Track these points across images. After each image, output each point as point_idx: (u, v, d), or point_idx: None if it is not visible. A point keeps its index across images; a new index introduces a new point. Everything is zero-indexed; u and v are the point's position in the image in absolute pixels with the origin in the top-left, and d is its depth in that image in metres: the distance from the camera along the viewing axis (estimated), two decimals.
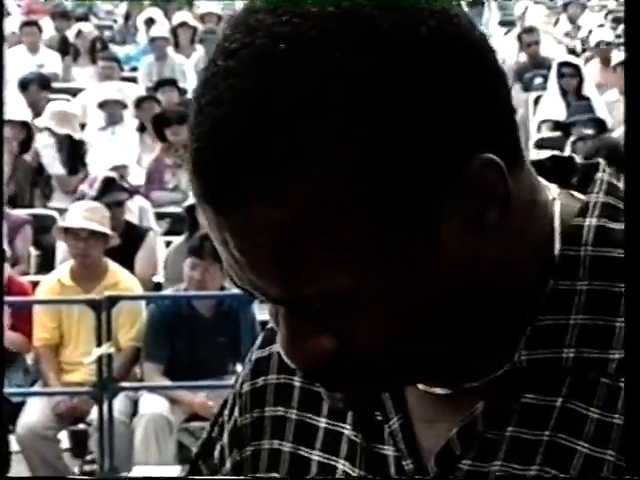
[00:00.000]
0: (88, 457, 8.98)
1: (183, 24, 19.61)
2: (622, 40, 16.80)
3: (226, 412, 1.71)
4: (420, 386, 1.49)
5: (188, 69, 18.36)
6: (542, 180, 1.46)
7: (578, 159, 1.55)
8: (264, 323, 8.97)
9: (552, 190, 1.46)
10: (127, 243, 10.23)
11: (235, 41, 1.33)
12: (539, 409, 1.41)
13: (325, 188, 1.29)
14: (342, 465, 1.56)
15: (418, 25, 1.34)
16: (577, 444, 1.37)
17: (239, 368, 8.54)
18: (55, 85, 16.30)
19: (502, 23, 27.21)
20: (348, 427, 1.55)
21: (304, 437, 1.59)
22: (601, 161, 1.68)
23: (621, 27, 20.22)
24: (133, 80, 16.77)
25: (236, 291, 5.64)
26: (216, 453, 1.71)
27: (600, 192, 1.45)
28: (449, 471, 1.44)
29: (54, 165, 12.36)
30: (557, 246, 1.43)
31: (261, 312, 9.81)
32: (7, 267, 9.44)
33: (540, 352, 1.39)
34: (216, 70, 1.33)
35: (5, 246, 9.51)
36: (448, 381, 1.46)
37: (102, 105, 14.15)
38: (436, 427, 1.47)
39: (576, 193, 1.47)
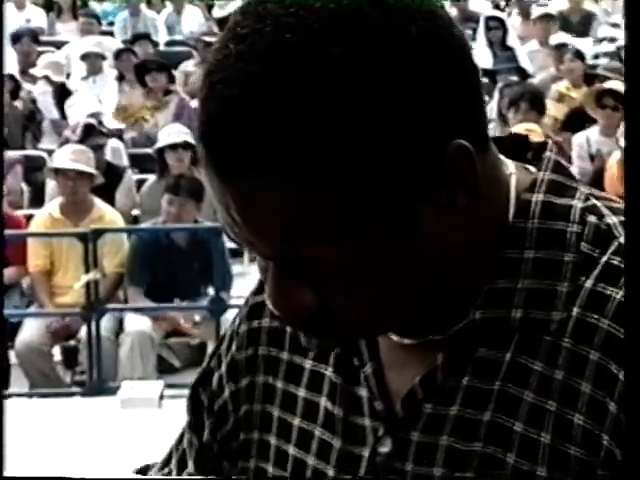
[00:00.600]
0: (78, 369, 9.10)
1: None
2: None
3: (224, 347, 1.76)
4: (392, 337, 1.55)
5: (159, 23, 18.23)
6: (501, 157, 1.52)
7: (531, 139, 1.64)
8: (233, 251, 9.63)
9: (509, 166, 1.51)
10: (108, 181, 10.19)
11: (246, 27, 1.38)
12: (491, 362, 1.47)
13: (320, 171, 1.35)
14: (324, 402, 1.61)
15: (409, 25, 1.40)
16: (523, 393, 1.43)
17: (211, 291, 9.17)
18: (42, 39, 16.10)
19: None
20: (330, 369, 1.60)
21: (292, 376, 1.65)
22: (549, 141, 1.84)
23: None
24: (110, 34, 16.67)
25: (209, 224, 6.16)
26: (214, 382, 1.75)
27: (547, 170, 1.50)
28: (413, 413, 1.50)
29: (52, 110, 12.40)
30: (510, 218, 1.50)
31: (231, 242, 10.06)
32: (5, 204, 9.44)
33: (492, 311, 1.46)
34: (227, 52, 1.38)
35: None
36: (414, 333, 1.52)
37: (84, 57, 14.15)
38: (404, 374, 1.52)
39: (531, 167, 1.53)
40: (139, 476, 1.14)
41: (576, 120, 11.40)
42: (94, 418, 8.04)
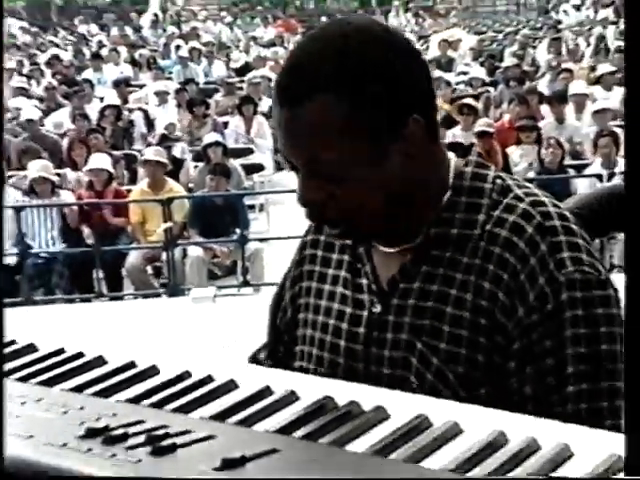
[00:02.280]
0: (162, 280, 9.21)
1: (193, 49, 19.12)
2: None
3: (287, 274, 1.72)
4: (380, 247, 1.54)
5: (199, 72, 17.75)
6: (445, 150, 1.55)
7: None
8: (249, 207, 9.91)
9: (451, 154, 1.54)
10: (174, 167, 10.33)
11: (306, 38, 1.54)
12: (438, 257, 1.48)
13: (334, 108, 1.39)
14: (340, 290, 1.59)
15: (401, 41, 1.50)
16: (455, 273, 1.45)
17: (237, 231, 8.99)
18: (131, 83, 16.10)
19: None
20: (343, 272, 1.59)
21: (321, 279, 1.63)
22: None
23: None
24: (170, 79, 16.40)
25: (234, 191, 6.67)
26: (284, 302, 1.71)
27: (473, 155, 1.53)
28: (393, 289, 1.51)
29: (140, 126, 12.39)
30: (451, 180, 1.50)
31: (248, 200, 10.09)
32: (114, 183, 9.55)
33: (440, 229, 1.48)
34: (301, 40, 1.56)
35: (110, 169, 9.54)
36: (392, 242, 1.52)
37: (156, 93, 13.95)
38: (388, 269, 1.53)
39: (460, 159, 1.53)
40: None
41: (447, 122, 10.85)
42: (174, 309, 8.13)
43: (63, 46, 20.71)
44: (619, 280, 1.40)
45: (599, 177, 8.99)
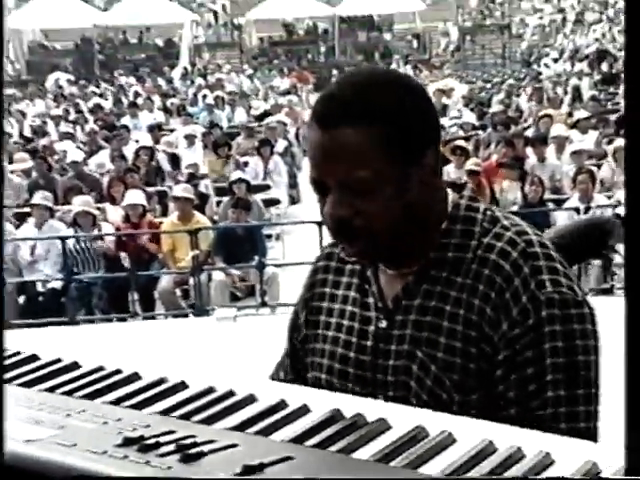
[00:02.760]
0: (188, 301, 9.15)
1: (218, 97, 19.28)
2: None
3: (301, 296, 1.70)
4: (385, 270, 1.54)
5: (223, 117, 17.93)
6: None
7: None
8: (267, 236, 9.91)
9: (448, 189, 1.54)
10: (201, 202, 10.42)
11: (342, 78, 1.58)
12: (436, 277, 1.49)
13: (368, 135, 1.40)
14: (350, 308, 1.59)
15: (419, 88, 1.54)
16: (450, 291, 1.46)
17: (256, 257, 8.93)
18: (163, 127, 16.20)
19: None
20: (352, 292, 1.59)
21: (332, 299, 1.62)
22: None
23: None
24: (198, 124, 16.41)
25: (254, 223, 6.60)
26: (299, 322, 1.69)
27: (467, 191, 1.53)
28: (397, 306, 1.51)
29: (167, 166, 12.38)
30: (449, 210, 1.51)
31: (266, 230, 10.05)
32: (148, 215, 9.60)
33: (438, 254, 1.49)
34: (340, 78, 1.57)
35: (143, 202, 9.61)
36: (397, 265, 1.52)
37: (185, 137, 13.97)
38: (392, 289, 1.53)
39: (455, 194, 1.54)
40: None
41: (442, 161, 10.65)
42: (200, 328, 8.14)
43: (104, 96, 20.80)
44: (595, 302, 1.48)
45: (577, 210, 9.05)
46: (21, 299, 9.01)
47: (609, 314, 1.62)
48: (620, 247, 8.52)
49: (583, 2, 33.80)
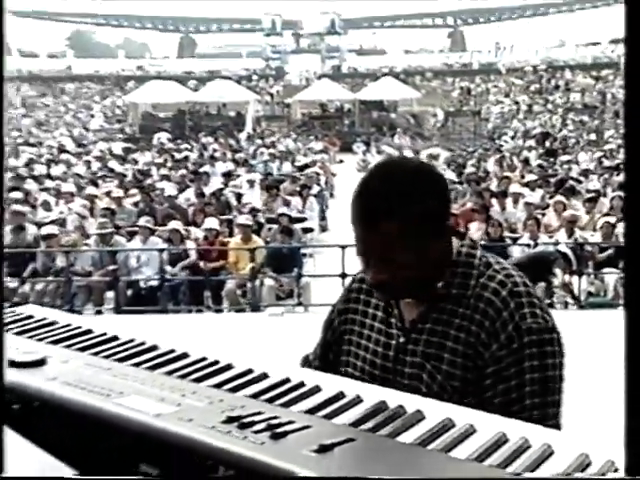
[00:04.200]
0: (245, 300, 8.93)
1: (272, 154, 19.34)
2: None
3: (336, 306, 1.63)
4: (406, 300, 1.48)
5: (275, 168, 17.66)
6: None
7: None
8: (303, 254, 9.72)
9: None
10: (257, 228, 10.01)
11: (378, 167, 1.45)
12: (442, 307, 1.43)
13: (395, 226, 1.34)
14: (377, 324, 1.52)
15: (435, 174, 1.46)
16: (454, 319, 1.41)
17: (295, 270, 8.85)
18: (232, 174, 15.39)
19: None
20: (380, 313, 1.52)
21: (364, 315, 1.55)
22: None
23: None
24: (256, 172, 16.08)
25: (295, 244, 6.52)
26: (333, 313, 1.62)
27: (467, 240, 1.46)
28: (413, 327, 1.45)
29: (234, 201, 12.09)
30: (454, 256, 1.45)
31: (303, 250, 9.88)
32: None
33: (445, 290, 1.43)
34: (366, 178, 1.40)
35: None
36: (414, 298, 1.46)
37: (248, 181, 13.74)
38: (410, 314, 1.47)
39: (457, 241, 1.47)
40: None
41: None
42: (255, 320, 7.99)
43: (192, 150, 20.93)
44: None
45: (527, 245, 9.10)
46: (129, 292, 8.99)
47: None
48: (558, 273, 8.47)
49: (531, 98, 34.26)
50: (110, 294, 8.89)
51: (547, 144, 22.56)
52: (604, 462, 0.87)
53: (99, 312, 8.81)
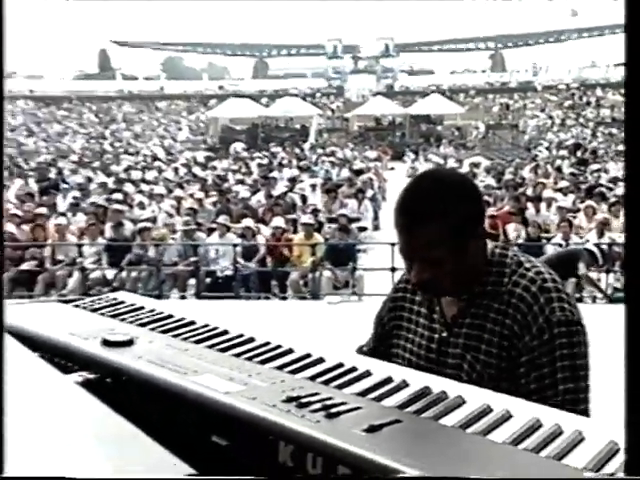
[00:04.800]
0: (306, 289, 8.87)
1: (332, 162, 19.22)
2: None
3: (385, 303, 1.59)
4: (446, 298, 1.43)
5: (334, 174, 17.46)
6: None
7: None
8: (358, 250, 9.53)
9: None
10: (318, 226, 10.01)
11: (418, 178, 1.42)
12: (480, 304, 1.39)
13: (437, 229, 1.31)
14: (422, 320, 1.49)
15: (469, 183, 1.42)
16: (489, 313, 1.37)
17: (351, 264, 8.77)
18: (296, 179, 15.43)
19: None
20: (424, 309, 1.48)
21: (410, 311, 1.51)
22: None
23: None
24: (318, 177, 16.09)
25: (351, 241, 6.39)
26: (384, 308, 1.58)
27: (500, 242, 1.48)
28: (455, 322, 1.41)
29: (299, 203, 11.91)
30: (489, 255, 1.41)
31: (358, 246, 9.67)
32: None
33: (481, 287, 1.38)
34: (409, 187, 1.37)
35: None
36: (454, 293, 1.41)
37: (311, 185, 13.59)
38: (451, 310, 1.43)
39: (491, 242, 1.43)
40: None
41: None
42: (314, 307, 8.06)
43: (263, 158, 21.05)
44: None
45: (560, 245, 8.89)
46: (207, 280, 9.03)
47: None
48: (581, 267, 8.20)
49: (565, 113, 33.29)
50: (192, 281, 9.01)
51: (579, 154, 21.93)
52: None
53: (183, 297, 8.95)
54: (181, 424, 0.96)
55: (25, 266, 8.95)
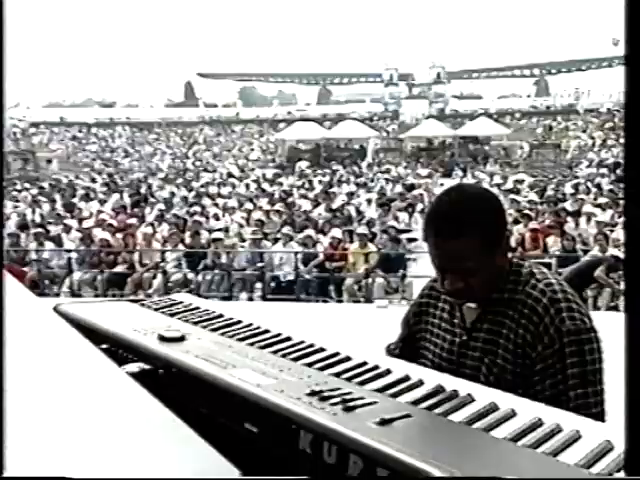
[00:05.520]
0: (362, 292, 8.93)
1: (387, 178, 19.14)
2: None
3: (411, 309, 1.57)
4: (467, 304, 1.40)
5: (388, 188, 17.50)
6: None
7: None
8: (408, 258, 9.42)
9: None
10: (372, 237, 9.85)
11: (447, 194, 1.35)
12: (497, 311, 1.35)
13: (470, 242, 1.27)
14: (443, 324, 1.46)
15: (493, 198, 1.36)
16: (506, 320, 1.33)
17: (401, 271, 8.72)
18: (353, 193, 15.49)
19: None
20: (446, 314, 1.46)
21: (433, 315, 1.49)
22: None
23: None
24: (373, 192, 15.78)
25: (400, 251, 6.22)
26: (410, 322, 1.54)
27: (516, 254, 1.75)
28: (474, 326, 1.38)
29: (354, 215, 11.86)
30: (507, 267, 1.37)
31: (408, 255, 9.57)
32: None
33: (499, 295, 1.35)
34: (438, 203, 1.33)
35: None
36: (480, 299, 1.37)
37: (367, 200, 13.67)
38: (470, 316, 1.40)
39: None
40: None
41: (515, 222, 10.02)
42: (366, 311, 7.99)
43: (325, 175, 21.14)
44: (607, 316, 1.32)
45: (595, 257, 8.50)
46: (272, 284, 9.07)
47: (617, 327, 1.44)
48: (600, 273, 7.80)
49: (605, 134, 32.09)
50: (258, 285, 9.09)
51: (618, 172, 21.03)
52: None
53: (250, 298, 9.03)
54: (219, 412, 0.98)
55: (117, 269, 9.28)
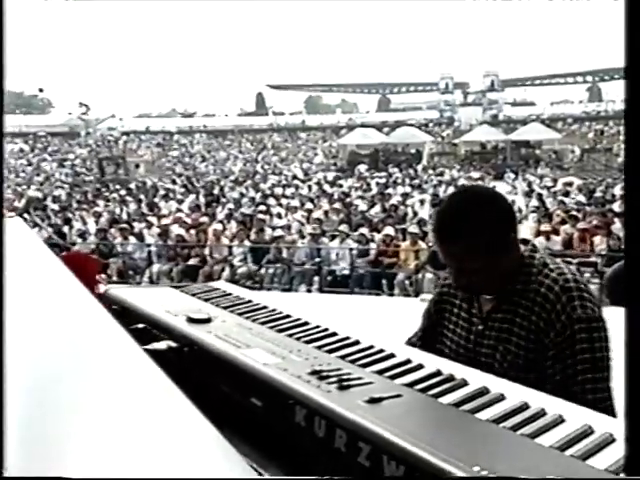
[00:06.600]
0: (412, 287, 8.64)
1: (439, 180, 18.89)
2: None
3: (432, 300, 1.55)
4: (484, 296, 1.37)
5: (441, 191, 16.84)
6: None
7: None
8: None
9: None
10: (422, 235, 9.43)
11: (451, 197, 1.35)
12: (513, 300, 1.31)
13: (471, 243, 1.25)
14: (462, 313, 1.42)
15: (501, 199, 1.32)
16: (519, 309, 1.29)
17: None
18: (408, 194, 15.22)
19: None
20: (464, 305, 1.43)
21: (452, 305, 1.46)
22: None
23: None
24: (426, 193, 15.47)
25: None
26: (431, 313, 1.51)
27: (529, 245, 1.35)
28: (489, 316, 1.34)
29: (409, 214, 12.06)
30: (517, 262, 1.33)
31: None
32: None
33: (512, 286, 1.31)
34: (442, 206, 1.31)
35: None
36: (489, 293, 1.35)
37: (420, 200, 13.39)
38: (487, 306, 1.37)
39: (522, 246, 1.36)
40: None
41: (563, 223, 9.75)
42: (412, 305, 7.45)
43: (381, 177, 20.94)
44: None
45: None
46: (329, 278, 9.08)
47: None
48: None
49: None
50: (316, 278, 9.12)
51: None
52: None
53: (309, 290, 9.07)
54: (231, 386, 0.98)
55: (191, 262, 9.56)
